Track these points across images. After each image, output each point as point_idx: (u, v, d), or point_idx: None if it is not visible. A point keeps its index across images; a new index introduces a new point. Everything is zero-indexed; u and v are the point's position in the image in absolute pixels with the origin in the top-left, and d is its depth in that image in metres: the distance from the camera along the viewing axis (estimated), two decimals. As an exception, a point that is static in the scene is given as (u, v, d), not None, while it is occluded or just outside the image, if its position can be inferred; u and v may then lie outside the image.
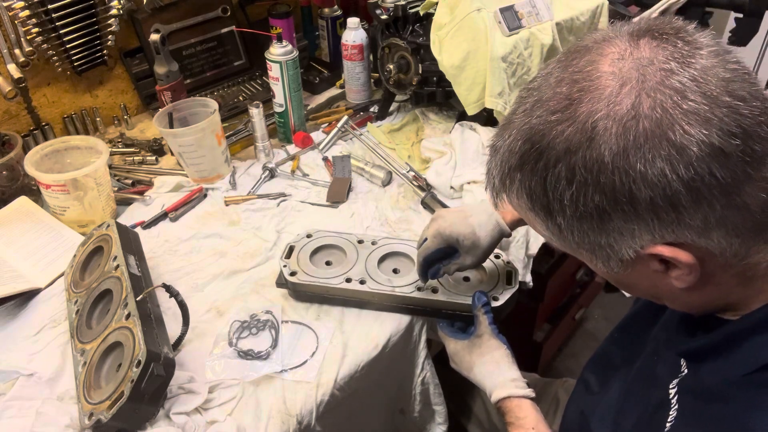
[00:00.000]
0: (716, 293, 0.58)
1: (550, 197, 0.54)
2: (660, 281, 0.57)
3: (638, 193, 0.49)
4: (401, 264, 1.02)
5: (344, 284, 0.97)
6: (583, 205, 0.52)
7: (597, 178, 0.50)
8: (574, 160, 0.51)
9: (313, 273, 0.98)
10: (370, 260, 1.01)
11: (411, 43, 1.35)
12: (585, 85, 0.51)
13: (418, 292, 0.95)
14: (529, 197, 0.56)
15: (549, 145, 0.52)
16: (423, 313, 0.99)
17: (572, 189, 0.52)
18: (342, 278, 0.97)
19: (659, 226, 0.51)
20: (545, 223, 0.57)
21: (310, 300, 1.00)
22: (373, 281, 0.97)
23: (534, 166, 0.54)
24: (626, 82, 0.49)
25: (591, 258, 0.58)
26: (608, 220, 0.52)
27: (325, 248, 1.05)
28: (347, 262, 1.01)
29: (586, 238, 0.55)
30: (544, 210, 0.56)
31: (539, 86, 0.56)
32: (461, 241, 0.91)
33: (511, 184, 0.57)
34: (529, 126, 0.54)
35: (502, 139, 0.58)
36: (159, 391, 0.80)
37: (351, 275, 0.98)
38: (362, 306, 0.98)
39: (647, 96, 0.48)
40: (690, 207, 0.49)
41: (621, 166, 0.49)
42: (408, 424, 1.10)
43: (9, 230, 1.13)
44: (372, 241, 1.05)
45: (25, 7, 1.22)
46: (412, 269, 1.00)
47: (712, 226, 0.50)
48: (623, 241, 0.53)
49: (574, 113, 0.51)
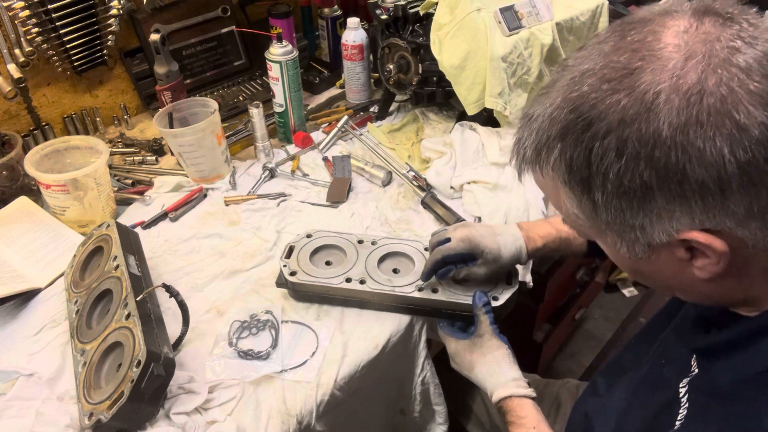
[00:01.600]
0: (735, 286, 0.56)
1: (594, 170, 0.51)
2: (681, 271, 0.55)
3: (691, 173, 0.47)
4: (401, 264, 1.02)
5: (344, 284, 0.97)
6: (628, 181, 0.50)
7: (651, 153, 0.48)
8: (628, 132, 0.48)
9: (313, 273, 0.98)
10: (370, 260, 1.01)
11: (411, 43, 1.35)
12: (646, 55, 0.49)
13: (419, 292, 0.95)
14: (568, 169, 0.53)
15: (600, 116, 0.50)
16: (423, 313, 0.99)
17: (620, 163, 0.49)
18: (342, 278, 0.97)
19: (702, 210, 0.49)
20: (579, 198, 0.55)
21: (310, 300, 1.00)
22: (373, 281, 0.97)
23: (580, 136, 0.51)
24: (692, 56, 0.48)
25: (616, 241, 0.56)
26: (651, 199, 0.50)
27: (325, 248, 1.05)
28: (347, 262, 1.01)
29: (619, 218, 0.53)
30: (582, 184, 0.53)
31: (588, 55, 0.53)
32: (486, 253, 0.92)
33: (548, 154, 0.55)
34: (579, 94, 0.51)
35: (541, 107, 0.55)
36: (159, 391, 0.80)
37: (351, 275, 0.98)
38: (362, 306, 0.98)
39: (713, 72, 0.47)
40: (738, 192, 0.48)
41: (679, 141, 0.47)
42: (408, 424, 1.10)
43: (9, 230, 1.13)
44: (372, 241, 1.05)
45: (25, 7, 1.22)
46: (412, 269, 1.00)
47: (754, 216, 0.49)
48: (659, 223, 0.52)
49: (632, 83, 0.49)
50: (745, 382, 0.56)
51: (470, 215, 1.19)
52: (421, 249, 1.03)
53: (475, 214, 1.19)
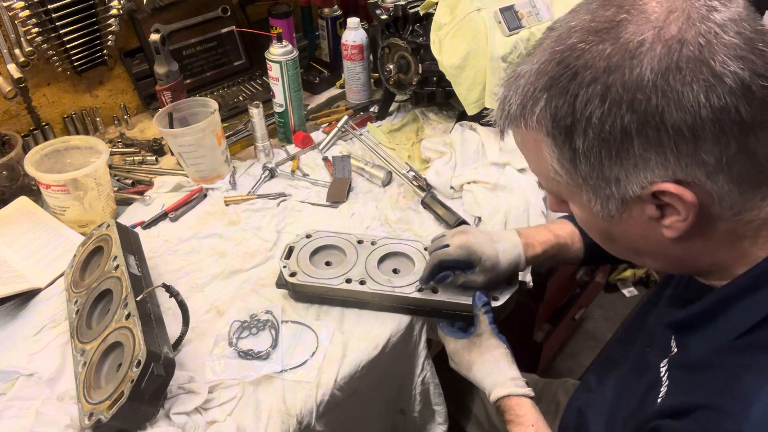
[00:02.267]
0: (702, 248, 0.59)
1: (577, 116, 0.54)
2: (651, 230, 0.58)
3: (668, 117, 0.50)
4: (401, 264, 1.02)
5: (344, 285, 0.97)
6: (610, 125, 0.52)
7: (633, 96, 0.51)
8: (612, 78, 0.51)
9: (312, 274, 0.98)
10: (370, 260, 1.01)
11: (411, 43, 1.35)
12: (631, 9, 0.52)
13: (419, 292, 0.95)
14: (552, 118, 0.56)
15: (587, 64, 0.52)
16: (423, 313, 0.99)
17: (604, 107, 0.52)
18: (342, 279, 0.97)
19: (676, 158, 0.52)
20: (560, 148, 0.57)
21: (309, 301, 1.00)
22: (373, 281, 0.97)
23: (566, 85, 0.54)
24: (673, 10, 0.51)
25: (590, 197, 0.59)
26: (629, 145, 0.53)
27: (324, 249, 1.05)
28: (347, 262, 1.01)
29: (596, 169, 0.56)
30: (565, 131, 0.55)
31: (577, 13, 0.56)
32: (484, 260, 0.91)
33: (533, 105, 0.57)
34: (566, 46, 0.54)
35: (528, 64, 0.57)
36: (159, 391, 0.80)
37: (351, 276, 0.98)
38: (362, 306, 0.98)
39: (692, 25, 0.50)
40: (710, 140, 0.50)
41: (660, 85, 0.50)
42: (408, 424, 1.10)
43: (9, 230, 1.13)
44: (372, 241, 1.05)
45: (25, 7, 1.22)
46: (412, 269, 1.00)
47: (722, 168, 0.52)
48: (635, 173, 0.54)
49: (617, 33, 0.52)
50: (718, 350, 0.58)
51: (470, 215, 1.19)
52: (421, 249, 1.02)
53: (475, 214, 1.19)
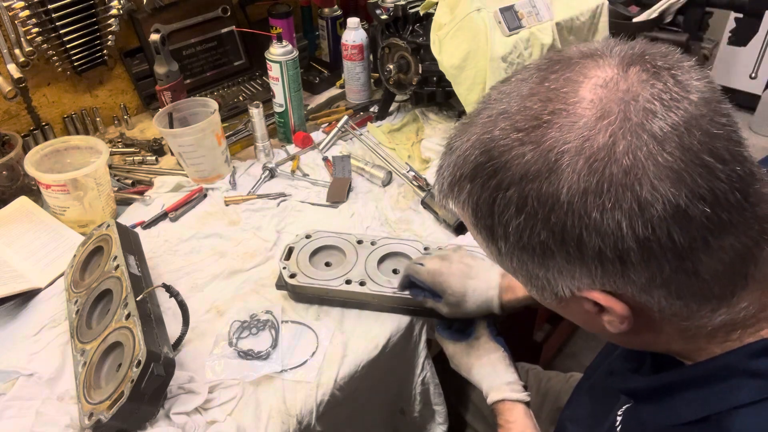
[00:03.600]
0: (655, 340, 0.55)
1: (496, 221, 0.50)
2: (593, 320, 0.54)
3: (587, 240, 0.45)
4: (401, 264, 1.02)
5: (344, 286, 0.97)
6: (528, 238, 0.48)
7: (548, 215, 0.46)
8: (528, 188, 0.46)
9: (312, 275, 0.98)
10: (370, 261, 1.01)
11: (411, 43, 1.35)
12: (558, 108, 0.46)
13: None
14: (474, 212, 0.52)
15: (506, 165, 0.47)
16: (423, 314, 0.99)
17: (520, 219, 0.48)
18: (342, 280, 0.97)
19: (601, 275, 0.48)
20: (486, 242, 0.54)
21: (309, 301, 1.00)
22: (373, 282, 0.97)
23: (486, 183, 0.49)
24: (605, 116, 0.44)
25: (527, 284, 0.56)
26: (551, 257, 0.49)
27: (324, 249, 1.05)
28: (347, 263, 1.01)
29: (524, 267, 0.52)
30: (487, 230, 0.52)
31: (509, 93, 0.50)
32: (448, 294, 0.89)
33: (459, 192, 0.53)
34: (490, 137, 0.49)
35: (460, 140, 0.53)
36: (159, 391, 0.80)
37: (351, 276, 0.98)
38: (362, 307, 0.98)
39: (623, 137, 0.44)
40: (638, 264, 0.46)
41: (576, 209, 0.45)
42: (408, 424, 1.10)
43: (9, 230, 1.13)
44: (371, 241, 1.05)
45: (25, 7, 1.22)
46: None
47: (656, 286, 0.47)
48: (561, 279, 0.50)
49: (539, 137, 0.46)
50: (666, 429, 0.55)
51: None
52: (421, 249, 1.02)
53: (475, 214, 1.19)
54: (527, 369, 1.21)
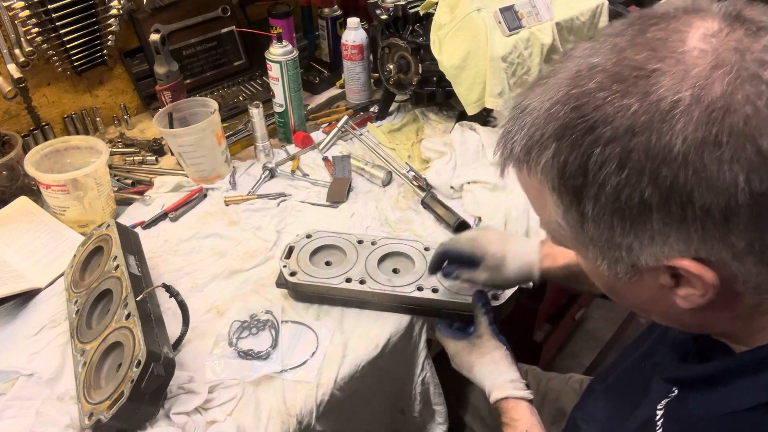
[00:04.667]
0: (715, 320, 0.53)
1: (589, 179, 0.46)
2: (662, 297, 0.51)
3: (697, 197, 0.42)
4: (401, 264, 1.02)
5: (344, 284, 0.97)
6: (626, 197, 0.45)
7: (657, 169, 0.43)
8: (635, 142, 0.43)
9: (313, 273, 0.98)
10: (370, 260, 1.01)
11: (411, 43, 1.35)
12: (667, 57, 0.43)
13: (419, 291, 0.95)
14: (559, 173, 0.48)
15: (606, 119, 0.44)
16: (423, 313, 0.99)
17: (621, 176, 0.44)
18: (342, 278, 0.97)
19: (700, 238, 0.44)
20: (565, 208, 0.49)
21: (309, 300, 1.00)
22: (373, 281, 0.97)
23: (579, 139, 0.45)
24: (719, 65, 0.42)
25: (596, 257, 0.51)
26: (647, 219, 0.45)
27: (324, 248, 1.05)
28: (347, 262, 1.01)
29: (606, 235, 0.48)
30: (573, 192, 0.48)
31: (600, 47, 0.47)
32: (488, 257, 0.89)
33: (539, 153, 0.49)
34: (584, 91, 0.45)
35: (538, 99, 0.49)
36: (159, 391, 0.80)
37: (351, 275, 0.98)
38: (362, 306, 0.99)
39: (740, 86, 0.41)
40: (743, 226, 0.43)
41: (691, 161, 0.42)
42: (408, 424, 1.10)
43: (9, 230, 1.13)
44: (372, 241, 1.05)
45: (25, 7, 1.22)
46: (412, 269, 1.00)
47: (753, 252, 0.44)
48: (650, 246, 0.47)
49: (648, 87, 0.43)
50: (719, 419, 0.53)
51: (470, 215, 1.19)
52: (420, 249, 1.03)
53: (475, 214, 1.19)
54: (526, 369, 1.21)
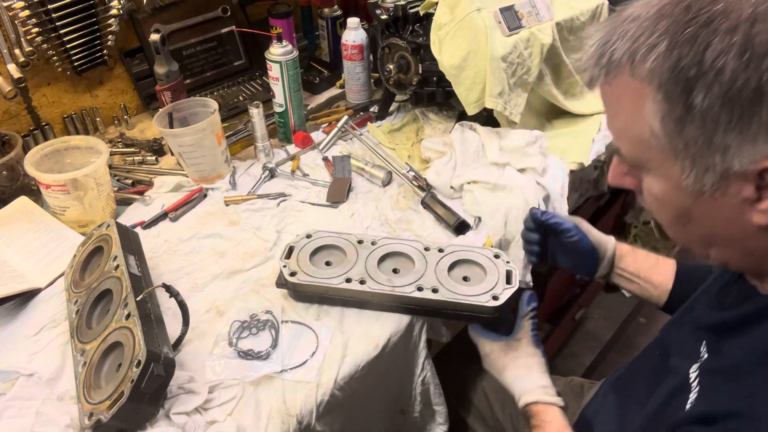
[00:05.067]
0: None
1: (704, 68, 0.47)
2: (738, 214, 0.52)
3: None
4: (401, 264, 1.02)
5: (344, 284, 0.97)
6: (742, 84, 0.46)
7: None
8: (758, 29, 0.45)
9: (313, 273, 0.98)
10: (370, 260, 1.01)
11: (411, 43, 1.35)
12: None
13: (418, 292, 0.95)
14: (672, 68, 0.49)
15: (726, 10, 0.46)
16: (423, 313, 0.99)
17: (740, 60, 0.45)
18: (342, 278, 0.97)
19: None
20: (671, 104, 0.50)
21: (309, 300, 1.00)
22: (373, 281, 0.97)
23: (696, 32, 0.47)
24: None
25: (685, 168, 0.52)
26: (757, 109, 0.46)
27: (325, 248, 1.05)
28: (347, 262, 1.01)
29: (706, 133, 0.49)
30: (684, 84, 0.48)
31: None
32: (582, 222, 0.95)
33: (648, 52, 0.50)
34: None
35: (641, 6, 0.51)
36: (159, 391, 0.80)
37: (351, 275, 0.98)
38: (362, 306, 0.99)
39: None
40: None
41: None
42: (408, 424, 1.10)
43: (9, 230, 1.13)
44: (372, 241, 1.05)
45: (25, 7, 1.22)
46: (412, 269, 1.00)
47: None
48: (750, 145, 0.48)
49: None
50: (758, 358, 0.55)
51: (470, 215, 1.19)
52: (420, 249, 1.03)
53: (475, 214, 1.19)
54: None
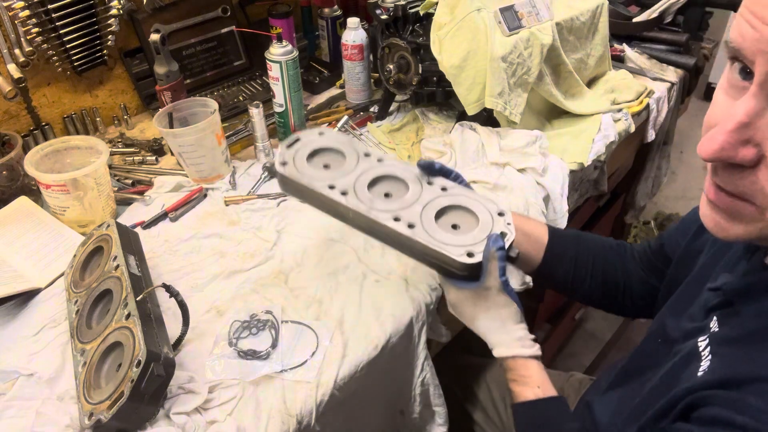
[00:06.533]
0: None
1: None
2: None
3: None
4: (397, 190, 0.91)
5: (326, 190, 0.89)
6: None
7: None
8: None
9: (302, 170, 0.91)
10: (365, 177, 0.91)
11: (411, 43, 1.35)
12: None
13: (394, 222, 0.85)
14: None
15: None
16: (394, 246, 0.89)
17: None
18: (326, 184, 0.89)
19: None
20: None
21: (294, 195, 0.93)
22: (355, 196, 0.88)
23: None
24: None
25: None
26: None
27: (330, 151, 0.95)
28: (343, 171, 0.92)
29: None
30: None
31: None
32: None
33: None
34: None
35: None
36: (159, 391, 0.81)
37: (337, 184, 0.89)
38: (343, 220, 0.90)
39: None
40: None
41: None
42: (408, 424, 1.10)
43: (9, 230, 1.13)
44: (379, 158, 0.94)
45: (25, 7, 1.22)
46: (403, 196, 0.89)
47: None
48: None
49: None
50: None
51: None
52: (423, 182, 0.92)
53: (475, 214, 1.19)
54: None
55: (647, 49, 1.75)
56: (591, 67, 1.53)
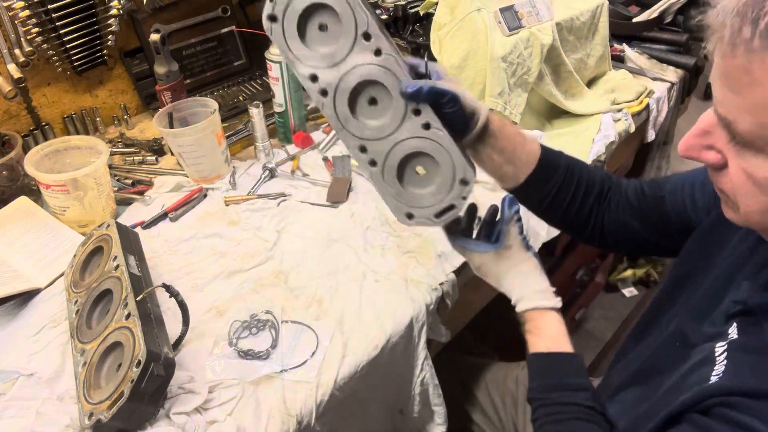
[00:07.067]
0: None
1: None
2: None
3: None
4: (383, 98, 0.79)
5: (308, 82, 0.78)
6: None
7: None
8: None
9: (290, 31, 0.75)
10: (352, 77, 0.77)
11: (411, 43, 1.35)
12: None
13: (359, 152, 0.80)
14: None
15: None
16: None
17: None
18: (309, 71, 0.77)
19: None
20: None
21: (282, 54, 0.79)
22: (332, 102, 0.78)
23: None
24: None
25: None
26: None
27: (330, 12, 0.75)
28: (333, 51, 0.76)
29: None
30: None
31: None
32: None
33: None
34: None
35: None
36: (159, 391, 0.81)
37: (320, 75, 0.77)
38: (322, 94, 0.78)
39: None
40: None
41: None
42: (408, 424, 1.10)
43: (9, 230, 1.13)
44: (376, 49, 0.76)
45: (25, 7, 1.22)
46: (389, 105, 0.78)
47: None
48: None
49: None
50: None
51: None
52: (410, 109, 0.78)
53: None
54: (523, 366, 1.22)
55: (647, 49, 1.75)
56: (591, 67, 1.53)
